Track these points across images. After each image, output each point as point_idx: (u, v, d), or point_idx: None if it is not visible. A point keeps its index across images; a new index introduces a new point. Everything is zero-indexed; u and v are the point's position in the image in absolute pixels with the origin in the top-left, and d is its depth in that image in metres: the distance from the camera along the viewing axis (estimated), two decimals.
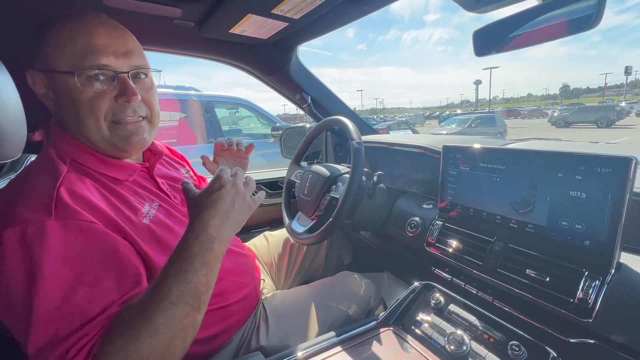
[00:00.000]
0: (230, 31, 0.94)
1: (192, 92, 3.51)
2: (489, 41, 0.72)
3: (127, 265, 0.50)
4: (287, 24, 0.91)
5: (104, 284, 0.46)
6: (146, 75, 0.61)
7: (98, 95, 0.53)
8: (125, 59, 0.56)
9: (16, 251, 0.42)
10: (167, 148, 0.84)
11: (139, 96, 0.57)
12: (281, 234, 1.14)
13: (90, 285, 0.45)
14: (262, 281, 0.89)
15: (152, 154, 0.70)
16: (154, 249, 0.56)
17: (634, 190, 0.52)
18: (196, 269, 0.46)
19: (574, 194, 0.57)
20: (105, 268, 0.47)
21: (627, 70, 53.21)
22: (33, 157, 0.77)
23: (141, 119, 0.60)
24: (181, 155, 0.89)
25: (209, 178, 1.03)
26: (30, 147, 0.78)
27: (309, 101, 1.35)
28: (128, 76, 0.56)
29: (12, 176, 0.77)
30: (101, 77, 0.53)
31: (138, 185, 0.63)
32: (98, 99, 0.53)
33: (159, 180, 0.69)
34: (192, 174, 0.87)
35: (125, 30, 0.59)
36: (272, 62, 1.22)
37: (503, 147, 0.73)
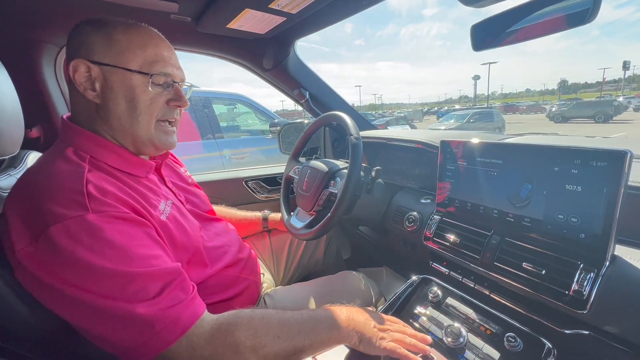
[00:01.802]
0: (228, 26, 0.94)
1: None
2: (487, 35, 0.71)
3: (166, 246, 0.56)
4: (285, 18, 0.90)
5: (162, 257, 0.52)
6: None
7: (157, 97, 0.60)
8: (179, 72, 0.64)
9: (66, 245, 0.44)
10: None
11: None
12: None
13: (151, 259, 0.49)
14: (262, 275, 0.90)
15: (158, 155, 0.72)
16: (170, 245, 0.58)
17: (629, 183, 0.52)
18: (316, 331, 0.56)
19: (570, 187, 0.58)
20: (153, 247, 0.52)
21: (625, 65, 53.20)
22: (31, 154, 0.77)
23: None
24: (177, 158, 0.89)
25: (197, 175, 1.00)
26: (27, 144, 0.78)
27: (307, 97, 1.35)
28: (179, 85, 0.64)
29: (12, 172, 0.76)
30: (163, 83, 0.61)
31: (152, 182, 0.66)
32: (156, 99, 0.60)
33: (166, 178, 0.72)
34: (189, 174, 0.88)
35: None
36: (270, 57, 1.22)
37: (500, 141, 0.74)
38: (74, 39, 0.58)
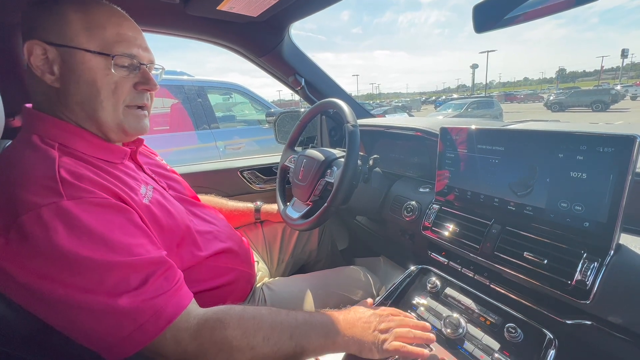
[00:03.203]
0: (219, 8, 0.89)
1: (184, 77, 3.42)
2: (490, 16, 0.68)
3: (150, 233, 0.53)
4: None
5: (145, 246, 0.49)
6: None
7: (122, 80, 0.56)
8: (147, 53, 0.60)
9: (39, 234, 0.41)
10: None
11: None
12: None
13: (133, 247, 0.47)
14: (256, 264, 0.89)
15: (131, 141, 0.69)
16: (156, 230, 0.56)
17: (637, 170, 0.50)
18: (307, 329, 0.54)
19: (575, 174, 0.56)
20: (136, 234, 0.49)
21: (624, 54, 52.94)
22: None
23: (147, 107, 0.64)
24: (150, 149, 0.85)
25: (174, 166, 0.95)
26: (9, 133, 0.74)
27: (303, 83, 1.31)
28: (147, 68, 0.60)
29: None
30: (128, 65, 0.56)
31: (129, 168, 0.62)
32: (122, 83, 0.56)
33: (143, 165, 0.69)
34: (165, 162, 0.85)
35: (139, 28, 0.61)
36: (264, 42, 1.17)
37: (502, 128, 0.71)
38: (26, 19, 0.54)
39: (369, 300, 0.69)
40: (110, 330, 0.42)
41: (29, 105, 0.57)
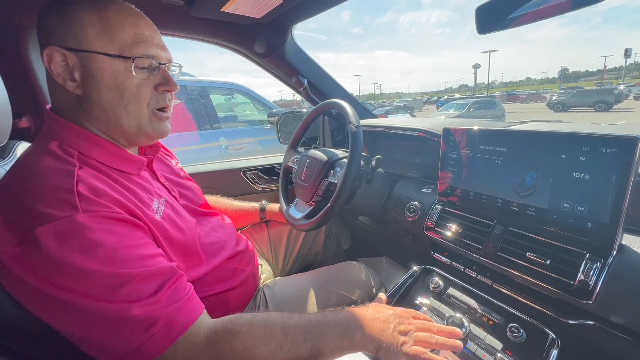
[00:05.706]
0: (222, 9, 0.90)
1: (187, 77, 3.43)
2: (493, 17, 0.68)
3: (161, 247, 0.54)
4: (282, 0, 0.87)
5: (156, 257, 0.49)
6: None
7: (143, 83, 0.55)
8: (164, 52, 0.58)
9: (53, 247, 0.41)
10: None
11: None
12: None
13: (145, 259, 0.47)
14: (260, 267, 0.89)
15: (148, 147, 0.69)
16: (166, 245, 0.56)
17: (639, 171, 0.51)
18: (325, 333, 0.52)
19: (577, 175, 0.56)
20: (147, 247, 0.50)
21: (627, 53, 52.66)
22: (21, 144, 0.74)
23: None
24: (168, 149, 0.86)
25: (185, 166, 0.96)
26: (16, 134, 0.75)
27: (306, 84, 1.31)
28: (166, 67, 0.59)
29: (1, 163, 0.74)
30: (148, 66, 0.55)
31: (144, 179, 0.62)
32: (143, 86, 0.55)
33: (158, 173, 0.69)
34: (181, 165, 0.85)
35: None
36: (267, 43, 1.18)
37: (505, 129, 0.72)
38: (42, 24, 0.52)
39: (383, 296, 0.68)
40: (121, 341, 0.42)
41: (50, 106, 0.57)
